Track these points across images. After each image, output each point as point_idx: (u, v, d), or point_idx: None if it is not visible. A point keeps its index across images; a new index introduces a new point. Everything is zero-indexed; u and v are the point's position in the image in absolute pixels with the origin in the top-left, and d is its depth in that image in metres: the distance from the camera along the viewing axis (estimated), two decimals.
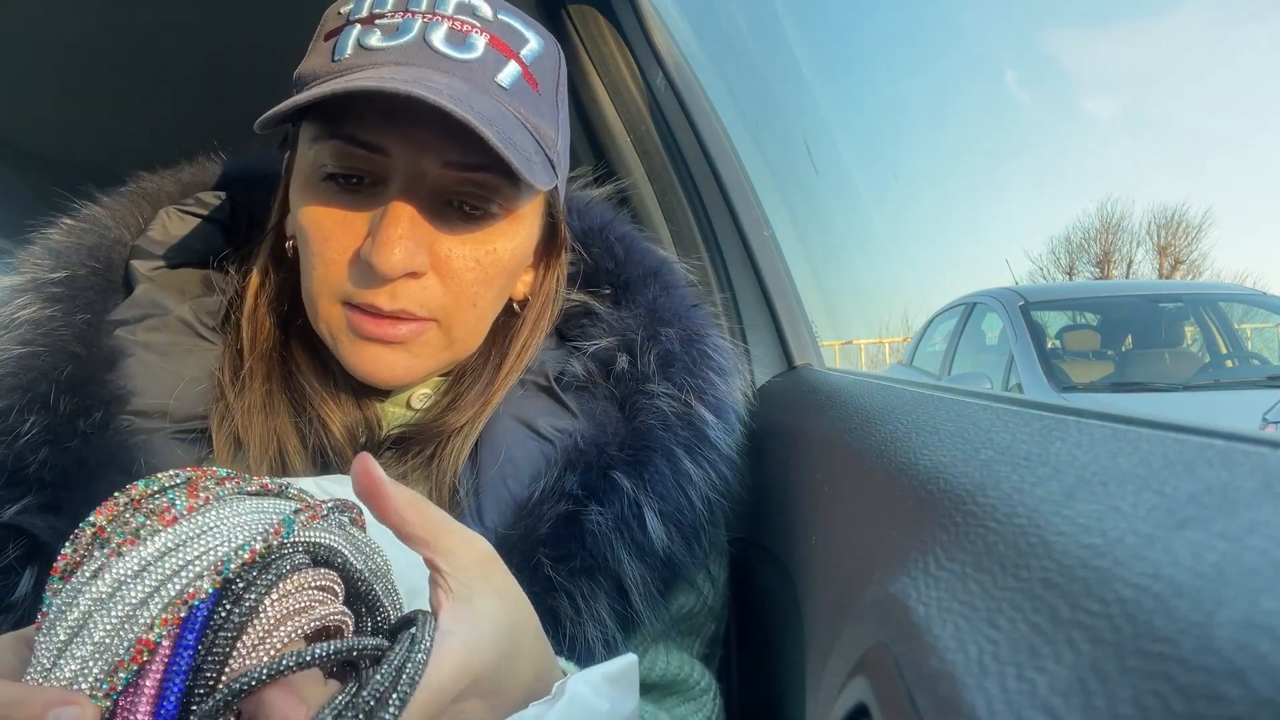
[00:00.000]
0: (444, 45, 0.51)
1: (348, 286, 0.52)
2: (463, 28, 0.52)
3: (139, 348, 0.57)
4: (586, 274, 0.66)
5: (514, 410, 0.59)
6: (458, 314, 0.55)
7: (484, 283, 0.55)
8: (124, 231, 0.62)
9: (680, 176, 0.99)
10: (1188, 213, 17.99)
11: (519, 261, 0.57)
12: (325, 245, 0.52)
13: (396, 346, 0.54)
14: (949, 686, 0.24)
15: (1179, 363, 4.23)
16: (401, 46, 0.51)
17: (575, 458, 0.56)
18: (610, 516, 0.54)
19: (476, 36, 0.52)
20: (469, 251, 0.53)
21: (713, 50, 1.13)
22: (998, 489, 0.32)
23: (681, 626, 0.62)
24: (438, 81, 0.49)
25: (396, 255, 0.50)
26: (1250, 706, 0.17)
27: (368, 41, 0.51)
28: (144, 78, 1.36)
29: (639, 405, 0.59)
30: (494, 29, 0.53)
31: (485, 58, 0.52)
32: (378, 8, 0.52)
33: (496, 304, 0.58)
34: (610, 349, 0.61)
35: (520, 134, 0.52)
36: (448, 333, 0.55)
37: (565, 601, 0.52)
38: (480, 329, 0.58)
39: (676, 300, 0.65)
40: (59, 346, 0.54)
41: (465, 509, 0.54)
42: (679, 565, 0.57)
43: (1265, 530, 0.21)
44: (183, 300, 0.60)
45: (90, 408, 0.52)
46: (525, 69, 0.54)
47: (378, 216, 0.51)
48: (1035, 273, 17.06)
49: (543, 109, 0.55)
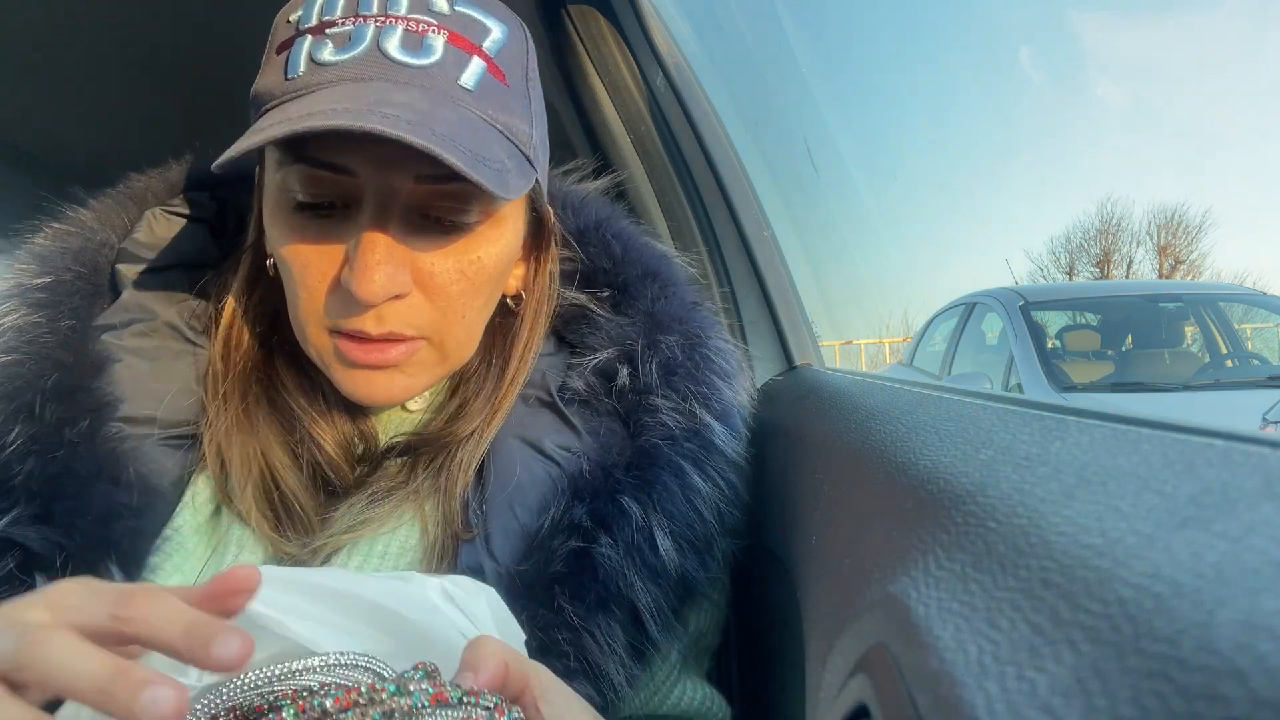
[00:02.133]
0: (400, 52, 0.48)
1: (333, 313, 0.51)
2: (419, 28, 0.49)
3: (126, 353, 0.56)
4: (584, 273, 0.65)
5: (518, 430, 0.58)
6: (448, 328, 0.53)
7: (471, 293, 0.53)
8: (110, 234, 0.61)
9: (680, 176, 0.99)
10: (1188, 213, 18.03)
11: (505, 264, 0.56)
12: (305, 273, 0.51)
13: (390, 369, 0.53)
14: (949, 686, 0.24)
15: (1179, 363, 4.23)
16: (356, 60, 0.48)
17: (582, 485, 0.55)
18: (621, 544, 0.53)
19: (434, 36, 0.49)
20: (452, 264, 0.52)
21: (713, 50, 1.13)
22: (998, 489, 0.32)
23: (698, 648, 0.62)
24: (396, 101, 0.46)
25: (377, 281, 0.48)
26: (1250, 706, 0.17)
27: (320, 56, 0.48)
28: (145, 78, 1.36)
29: (643, 422, 0.57)
30: (452, 24, 0.50)
31: (445, 60, 0.49)
32: (327, 14, 0.49)
33: (487, 310, 0.57)
34: (611, 361, 0.60)
35: (490, 141, 0.49)
36: (440, 348, 0.54)
37: (589, 639, 0.52)
38: (474, 336, 0.57)
39: (676, 302, 0.63)
40: (44, 354, 0.53)
41: (475, 536, 0.53)
42: (693, 582, 0.56)
43: (1265, 530, 0.21)
44: (170, 304, 0.59)
45: (77, 416, 0.52)
46: (490, 62, 0.51)
47: (354, 242, 0.49)
48: (1035, 273, 17.10)
49: (512, 103, 0.53)
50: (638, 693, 0.56)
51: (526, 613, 0.50)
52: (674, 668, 0.58)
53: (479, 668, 0.34)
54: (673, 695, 0.58)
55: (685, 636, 0.59)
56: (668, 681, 0.58)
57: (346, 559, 0.53)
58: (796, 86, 2.30)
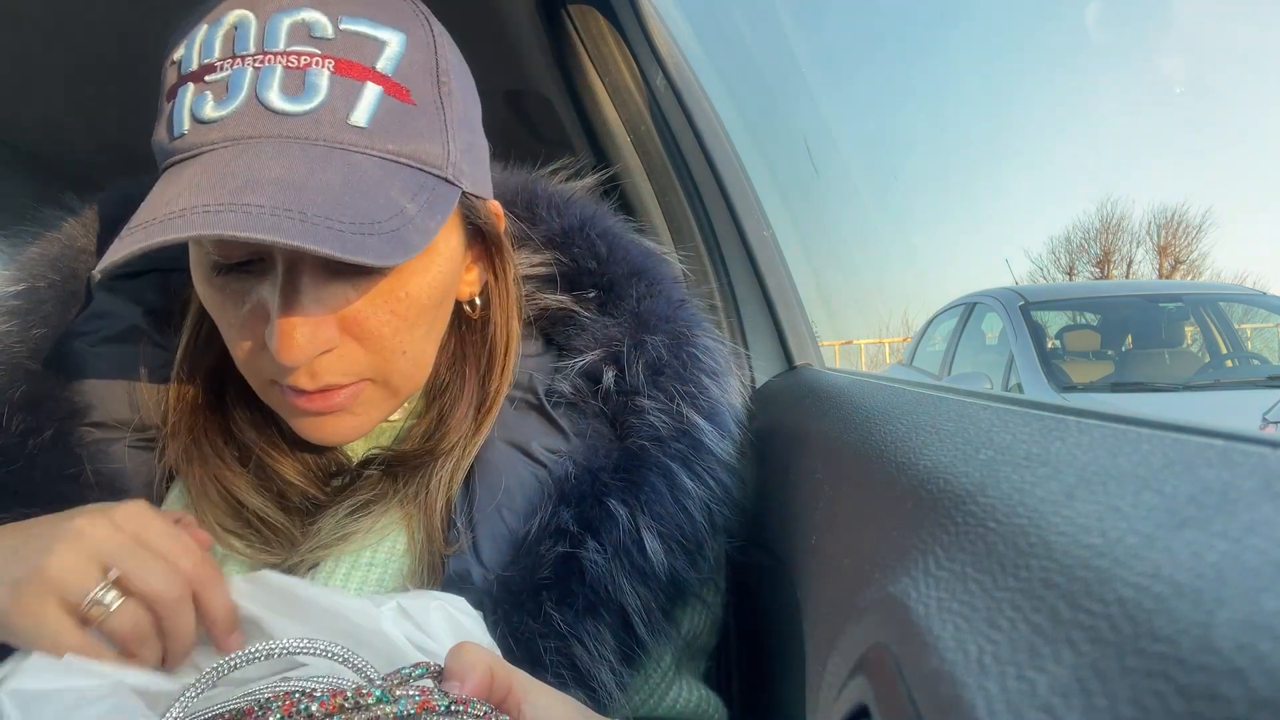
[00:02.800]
0: (280, 99, 0.45)
1: (269, 371, 0.50)
2: (300, 63, 0.46)
3: (96, 359, 0.56)
4: (569, 275, 0.63)
5: (506, 433, 0.57)
6: (389, 366, 0.52)
7: (405, 329, 0.51)
8: (91, 240, 0.61)
9: (680, 176, 0.99)
10: (1188, 213, 18.01)
11: (442, 288, 0.53)
12: (232, 332, 0.50)
13: (339, 412, 0.52)
14: (949, 686, 0.24)
15: (1179, 363, 4.23)
16: (235, 115, 0.45)
17: (569, 489, 0.54)
18: (608, 548, 0.53)
19: (316, 72, 0.46)
20: (380, 306, 0.49)
21: (713, 50, 1.13)
22: (998, 489, 0.32)
23: (692, 649, 0.62)
24: (267, 179, 0.43)
25: (297, 344, 0.46)
26: (1250, 706, 0.17)
27: (201, 112, 0.46)
28: (144, 78, 1.37)
29: (630, 424, 0.57)
30: (338, 49, 0.46)
31: (332, 98, 0.46)
32: (206, 56, 0.47)
33: (432, 333, 0.54)
34: (596, 363, 0.59)
35: (386, 189, 0.46)
36: (386, 385, 0.53)
37: (578, 646, 0.51)
38: (422, 364, 0.55)
39: (662, 300, 0.62)
40: (13, 363, 0.53)
41: (464, 544, 0.53)
42: (683, 583, 0.56)
43: (1265, 530, 0.21)
44: (139, 308, 0.59)
45: (42, 425, 0.52)
46: (387, 83, 0.47)
47: (272, 301, 0.47)
48: (1035, 273, 17.09)
49: (419, 123, 0.49)
50: (631, 697, 0.56)
51: (513, 622, 0.50)
52: (667, 670, 0.58)
53: (465, 675, 0.35)
54: (668, 698, 0.58)
55: (678, 639, 0.59)
56: (662, 684, 0.58)
57: (334, 568, 0.53)
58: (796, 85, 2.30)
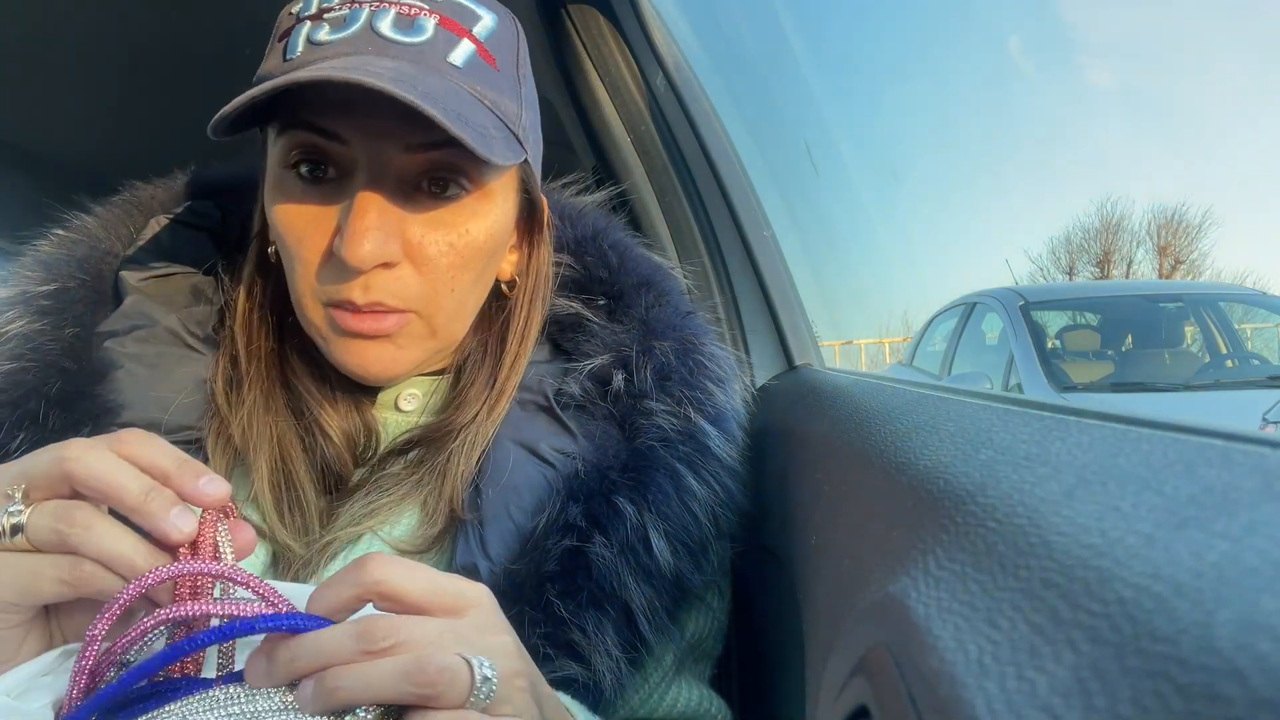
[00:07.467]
0: (391, 31, 0.51)
1: (326, 285, 0.52)
2: (411, 11, 0.52)
3: (128, 359, 0.57)
4: (581, 281, 0.65)
5: (514, 434, 0.58)
6: (436, 301, 0.54)
7: (460, 266, 0.54)
8: (115, 242, 0.62)
9: (680, 176, 0.99)
10: (1188, 213, 18.00)
11: (496, 241, 0.56)
12: (300, 246, 0.52)
13: (382, 340, 0.54)
14: (949, 686, 0.24)
15: (1179, 363, 4.23)
16: (348, 37, 0.50)
17: (577, 486, 0.55)
18: (615, 544, 0.54)
19: (425, 19, 0.52)
20: (441, 236, 0.53)
21: (713, 50, 1.13)
22: (998, 489, 0.32)
23: (696, 653, 0.62)
24: (382, 66, 0.48)
25: (366, 247, 0.49)
26: (1250, 706, 0.17)
27: (316, 37, 0.51)
28: (145, 79, 1.36)
29: (638, 425, 0.58)
30: (444, 9, 0.53)
31: (435, 39, 0.51)
32: (326, 2, 0.52)
33: (477, 287, 0.57)
34: (606, 366, 0.60)
35: (476, 110, 0.51)
36: (429, 322, 0.55)
37: (578, 634, 0.52)
38: (462, 315, 0.57)
39: (670, 310, 0.64)
40: (48, 361, 0.54)
41: (470, 536, 0.54)
42: (688, 584, 0.57)
43: (1265, 530, 0.21)
44: (170, 310, 0.60)
45: (79, 422, 0.52)
46: (480, 46, 0.53)
47: (345, 209, 0.51)
48: (1035, 273, 17.06)
49: (502, 85, 0.54)
50: (630, 695, 0.57)
51: (514, 612, 0.51)
52: (668, 670, 0.59)
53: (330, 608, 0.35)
54: (667, 698, 0.58)
55: (680, 640, 0.59)
56: (661, 684, 0.58)
57: (349, 554, 0.54)
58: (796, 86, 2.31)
